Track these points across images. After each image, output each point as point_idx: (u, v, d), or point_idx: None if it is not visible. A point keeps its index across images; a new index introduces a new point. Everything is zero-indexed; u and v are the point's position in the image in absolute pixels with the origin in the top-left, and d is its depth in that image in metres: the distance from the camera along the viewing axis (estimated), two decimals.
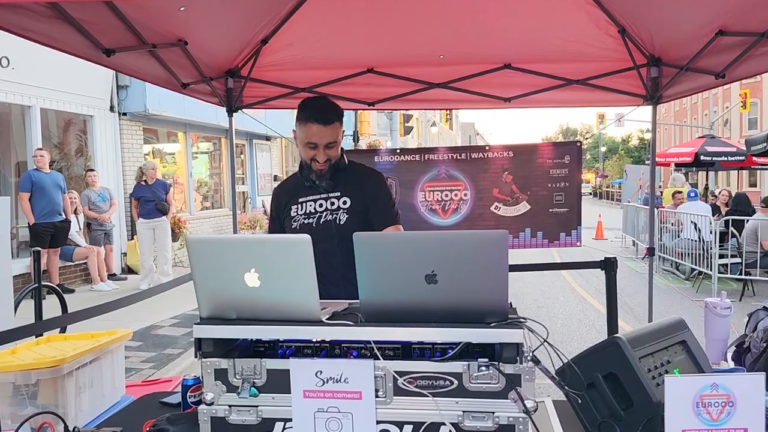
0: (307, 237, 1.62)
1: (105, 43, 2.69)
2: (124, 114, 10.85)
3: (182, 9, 2.85)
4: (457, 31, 3.82)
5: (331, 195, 2.57)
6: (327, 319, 1.69)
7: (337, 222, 2.54)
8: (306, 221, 2.57)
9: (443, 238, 1.64)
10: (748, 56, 3.06)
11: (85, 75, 9.17)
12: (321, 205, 2.57)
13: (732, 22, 3.02)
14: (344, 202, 2.57)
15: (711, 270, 9.01)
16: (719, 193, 13.30)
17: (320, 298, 1.65)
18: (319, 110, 2.50)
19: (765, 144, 9.49)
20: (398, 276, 1.62)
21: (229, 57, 3.95)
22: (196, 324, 1.67)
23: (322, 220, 2.56)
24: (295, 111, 2.61)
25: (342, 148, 2.66)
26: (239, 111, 4.37)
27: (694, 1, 3.06)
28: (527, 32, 3.84)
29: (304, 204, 2.60)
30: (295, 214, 2.60)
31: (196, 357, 1.68)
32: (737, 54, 3.10)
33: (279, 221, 2.71)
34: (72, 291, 8.80)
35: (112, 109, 10.63)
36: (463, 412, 1.60)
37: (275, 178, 17.59)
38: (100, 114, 10.43)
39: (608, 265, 4.10)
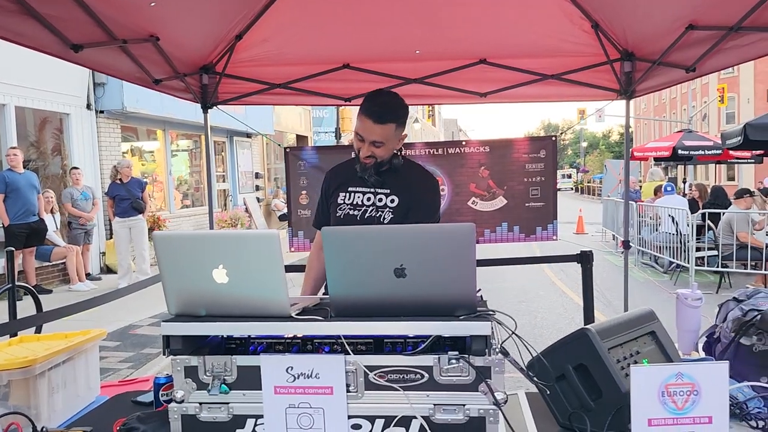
0: (275, 231, 1.61)
1: (73, 39, 2.65)
2: (101, 112, 10.73)
3: (153, 4, 2.81)
4: (432, 27, 3.82)
5: (380, 191, 2.54)
6: (297, 314, 1.68)
7: (381, 220, 2.51)
8: (351, 212, 2.55)
9: (411, 232, 1.64)
10: (718, 50, 3.10)
11: (61, 72, 9.05)
12: (369, 199, 2.55)
13: (701, 17, 3.06)
14: (392, 201, 2.53)
15: (688, 263, 9.13)
16: (691, 187, 13.45)
17: None
18: (377, 106, 2.44)
19: (740, 138, 9.61)
20: (367, 270, 1.62)
21: (203, 53, 3.91)
22: (164, 321, 1.66)
23: (367, 214, 2.53)
24: (274, 107, 2.62)
25: (399, 151, 2.59)
26: (214, 107, 4.34)
27: None
28: (503, 28, 3.86)
29: (352, 194, 2.57)
30: (342, 201, 2.57)
31: (164, 354, 1.67)
32: (707, 48, 3.14)
33: (326, 204, 2.68)
34: (49, 291, 8.70)
35: (88, 106, 10.50)
36: (434, 405, 1.61)
37: (257, 175, 17.50)
38: (77, 112, 10.30)
39: (584, 259, 4.14)
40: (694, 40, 3.21)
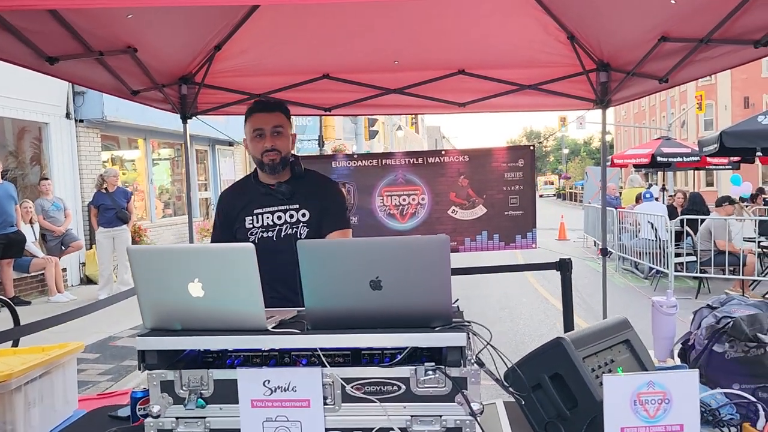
0: (250, 245, 1.61)
1: (48, 51, 2.63)
2: (81, 121, 10.63)
3: (130, 16, 2.80)
4: (411, 38, 3.85)
5: (290, 207, 2.55)
6: (273, 327, 1.68)
7: (298, 236, 2.51)
8: (265, 234, 2.53)
9: (386, 244, 1.65)
10: (689, 61, 3.16)
11: (41, 82, 8.94)
12: (280, 218, 2.53)
13: (673, 29, 3.12)
14: (303, 215, 2.54)
15: (668, 269, 9.23)
16: (675, 194, 13.63)
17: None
18: (260, 103, 2.66)
19: (716, 145, 9.75)
20: (343, 283, 1.63)
21: (182, 63, 3.91)
22: (139, 336, 1.66)
23: (282, 233, 2.52)
24: None
25: (297, 156, 2.66)
26: (193, 118, 4.32)
27: (637, 8, 3.15)
28: (480, 38, 3.90)
29: (260, 216, 2.54)
30: (251, 226, 2.55)
31: (139, 369, 1.66)
32: (679, 59, 3.20)
33: (229, 230, 2.61)
34: (28, 303, 8.58)
35: (68, 116, 10.40)
36: (411, 416, 1.62)
37: None
38: (56, 121, 10.20)
39: (563, 266, 4.18)
40: (666, 52, 3.27)
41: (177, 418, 1.66)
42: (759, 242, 9.10)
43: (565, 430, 1.75)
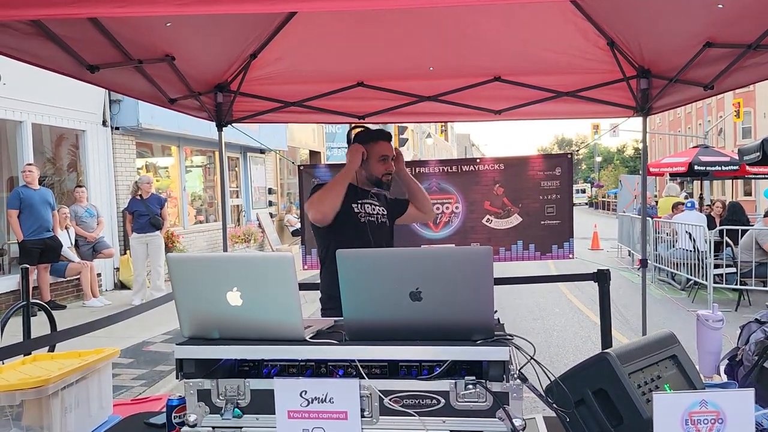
0: (289, 255, 1.60)
1: (89, 60, 2.67)
2: (117, 128, 10.83)
3: (168, 24, 2.83)
4: (446, 44, 3.82)
5: (376, 204, 3.12)
6: (311, 337, 1.67)
7: (386, 225, 3.15)
8: (369, 218, 3.06)
9: (428, 255, 1.62)
10: (736, 68, 3.06)
11: (78, 90, 9.13)
12: (374, 209, 3.10)
13: (719, 34, 3.03)
14: (383, 210, 3.15)
15: (706, 280, 9.00)
16: (713, 204, 13.32)
17: None
18: (379, 131, 3.16)
19: (758, 153, 9.51)
20: (382, 293, 1.61)
21: (218, 71, 3.94)
22: (177, 344, 1.65)
23: (379, 220, 3.10)
24: (284, 125, 2.76)
25: None
26: (229, 125, 4.35)
27: (681, 13, 3.07)
28: (516, 45, 3.84)
29: (362, 205, 3.06)
30: (359, 211, 3.04)
31: (177, 378, 1.65)
32: (725, 66, 3.10)
33: None
34: (64, 307, 8.74)
35: (104, 123, 10.60)
36: (451, 431, 1.58)
37: (270, 191, 17.56)
38: (93, 128, 10.41)
39: (601, 278, 4.08)
40: (711, 58, 3.18)
41: (213, 427, 1.65)
42: None
43: None
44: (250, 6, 1.81)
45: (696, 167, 14.20)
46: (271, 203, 17.53)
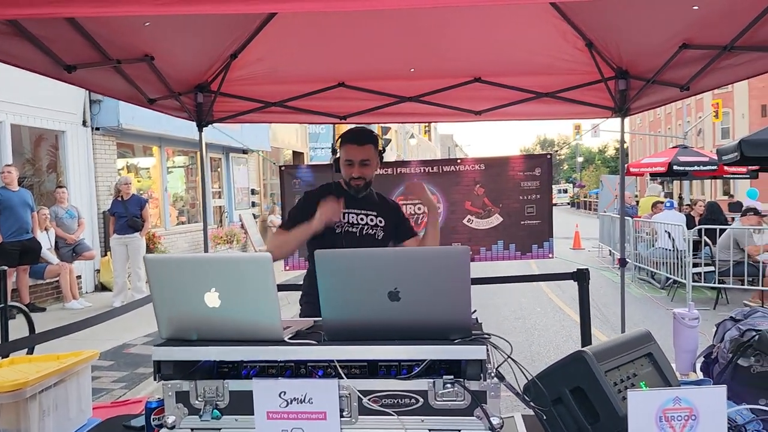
0: (268, 255, 1.60)
1: (67, 60, 2.64)
2: (97, 129, 10.72)
3: (147, 24, 2.81)
4: (427, 46, 3.83)
5: (370, 213, 2.94)
6: (290, 338, 1.67)
7: (376, 237, 2.94)
8: (350, 229, 2.90)
9: (405, 255, 1.63)
10: (711, 69, 3.11)
11: (58, 90, 9.04)
12: (362, 219, 2.92)
13: (695, 36, 3.07)
14: (380, 221, 2.95)
15: (685, 279, 9.11)
16: (695, 204, 13.48)
17: None
18: (355, 134, 2.90)
19: (736, 154, 9.63)
20: (361, 293, 1.61)
21: (198, 71, 3.92)
22: (155, 346, 1.64)
23: (364, 231, 2.92)
24: (271, 125, 2.72)
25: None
26: (209, 125, 4.33)
27: (657, 14, 3.11)
28: (496, 46, 3.87)
29: (346, 215, 2.90)
30: (338, 221, 2.86)
31: (155, 380, 1.65)
32: (700, 67, 3.15)
33: (304, 218, 2.80)
34: (43, 309, 8.63)
35: (84, 123, 10.49)
36: (429, 430, 1.59)
37: (253, 191, 17.49)
38: (73, 129, 10.29)
39: (580, 277, 4.12)
40: (687, 59, 3.23)
41: (192, 429, 1.65)
42: None
43: None
44: (229, 6, 1.81)
45: (675, 167, 14.36)
46: (254, 204, 17.45)
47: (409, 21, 3.57)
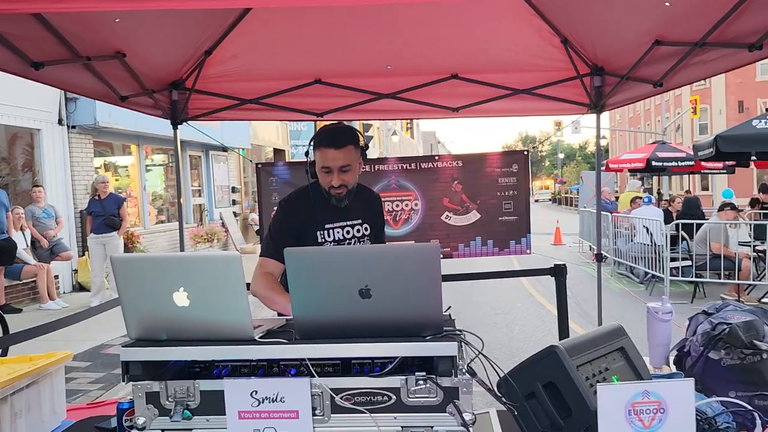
0: (236, 254, 1.59)
1: (33, 57, 2.58)
2: (74, 127, 10.57)
3: (117, 21, 2.77)
4: (404, 42, 3.83)
5: (355, 222, 2.63)
6: (261, 337, 1.65)
7: None
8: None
9: (375, 252, 1.62)
10: (684, 65, 3.14)
11: (32, 88, 8.78)
12: (348, 232, 2.61)
13: (668, 33, 3.10)
14: (366, 229, 2.66)
15: (663, 273, 9.21)
16: (673, 199, 13.63)
17: None
18: (331, 134, 2.50)
19: (712, 149, 9.76)
20: (331, 291, 1.60)
21: (172, 68, 3.87)
22: (122, 347, 1.62)
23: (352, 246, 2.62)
24: (247, 122, 2.61)
25: None
26: (185, 123, 4.29)
27: (631, 11, 3.13)
28: (473, 43, 3.88)
29: (331, 231, 2.59)
30: (323, 240, 2.56)
31: (123, 381, 1.63)
32: (673, 63, 3.18)
33: (294, 239, 2.51)
34: (20, 311, 8.51)
35: (60, 122, 10.35)
36: (402, 427, 1.59)
37: (233, 189, 17.38)
38: (48, 127, 10.15)
39: (558, 272, 4.15)
40: (661, 55, 3.25)
41: (163, 430, 1.63)
42: (754, 246, 9.10)
43: None
44: (199, 1, 1.79)
45: (653, 163, 14.53)
46: (234, 202, 17.35)
47: (386, 18, 3.56)
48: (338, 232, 2.58)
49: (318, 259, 1.62)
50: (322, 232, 2.56)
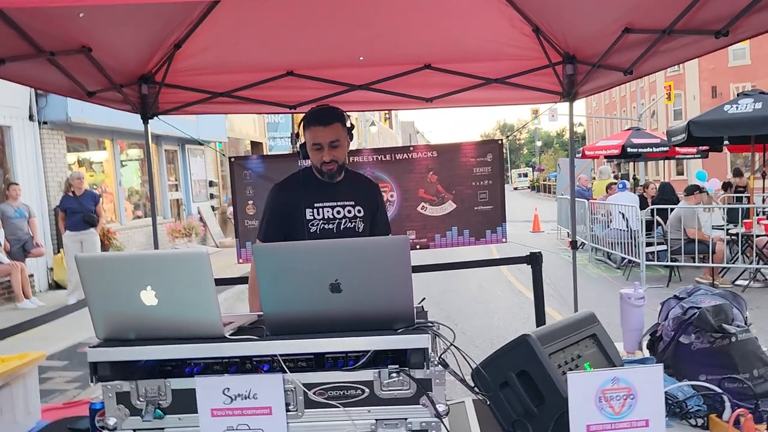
0: (203, 251, 1.57)
1: None
2: (45, 123, 10.40)
3: (82, 15, 2.71)
4: (375, 33, 3.81)
5: (347, 203, 2.73)
6: (231, 334, 1.64)
7: (356, 230, 2.73)
8: (326, 226, 2.71)
9: (344, 246, 1.62)
10: (653, 52, 3.16)
11: (1, 83, 8.74)
12: (339, 212, 2.72)
13: (637, 20, 3.12)
14: (359, 211, 2.75)
15: (639, 258, 9.33)
16: (648, 185, 13.79)
17: None
18: (318, 113, 2.69)
19: (684, 135, 9.87)
20: (302, 286, 1.59)
21: (141, 62, 3.81)
22: (90, 347, 1.60)
23: (342, 226, 2.72)
24: (223, 116, 2.61)
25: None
26: (155, 118, 4.23)
27: None
28: (445, 33, 3.86)
29: (321, 209, 2.71)
30: (312, 218, 2.70)
31: (91, 382, 1.61)
32: (642, 50, 3.20)
33: (286, 223, 2.70)
34: None
35: (31, 118, 10.17)
36: (376, 420, 1.59)
37: (211, 183, 17.24)
38: (19, 124, 9.96)
39: (534, 260, 4.18)
40: (630, 43, 3.27)
41: (134, 430, 1.62)
42: (727, 230, 9.25)
43: (532, 428, 1.73)
44: None
45: (629, 149, 14.66)
46: (212, 196, 17.21)
47: (357, 8, 3.53)
48: (328, 211, 2.70)
49: (287, 255, 1.61)
50: (311, 210, 2.69)
